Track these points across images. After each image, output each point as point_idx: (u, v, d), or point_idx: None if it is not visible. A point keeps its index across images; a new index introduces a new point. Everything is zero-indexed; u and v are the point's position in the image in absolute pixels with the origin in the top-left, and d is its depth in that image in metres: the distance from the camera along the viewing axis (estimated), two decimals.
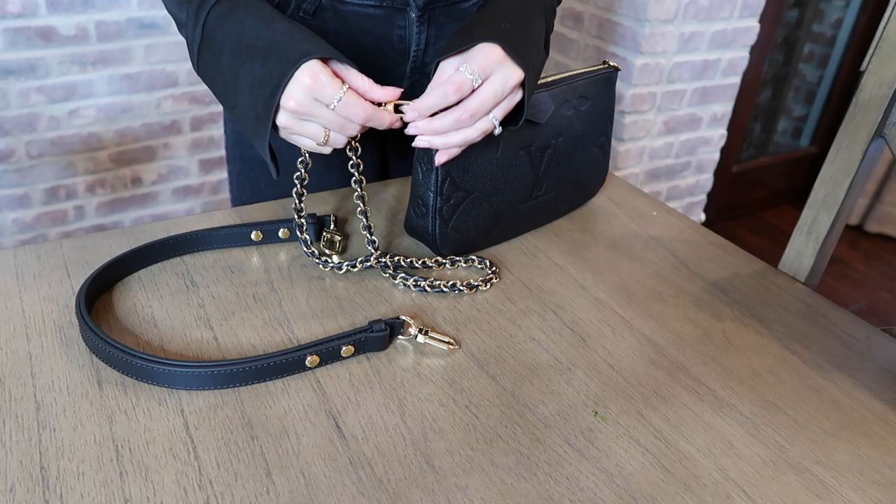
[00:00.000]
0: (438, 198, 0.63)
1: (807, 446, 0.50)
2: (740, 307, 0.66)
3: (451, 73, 0.57)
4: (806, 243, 0.71)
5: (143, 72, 1.86)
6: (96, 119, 1.85)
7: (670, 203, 2.02)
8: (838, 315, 0.66)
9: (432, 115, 0.57)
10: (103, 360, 0.52)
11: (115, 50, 1.80)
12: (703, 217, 2.14)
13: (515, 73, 0.58)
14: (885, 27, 0.64)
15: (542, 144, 0.69)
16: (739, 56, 1.86)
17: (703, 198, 2.10)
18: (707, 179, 2.05)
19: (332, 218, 0.69)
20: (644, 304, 0.65)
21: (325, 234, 0.67)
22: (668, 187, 1.98)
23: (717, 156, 2.02)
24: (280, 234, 0.68)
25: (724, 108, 1.93)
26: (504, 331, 0.60)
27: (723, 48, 1.81)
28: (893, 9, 0.63)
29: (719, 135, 1.98)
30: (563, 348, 0.58)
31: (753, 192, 2.49)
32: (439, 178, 0.63)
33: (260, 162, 0.81)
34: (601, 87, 0.74)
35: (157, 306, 0.59)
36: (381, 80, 0.79)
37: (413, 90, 0.80)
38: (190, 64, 1.89)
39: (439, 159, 0.60)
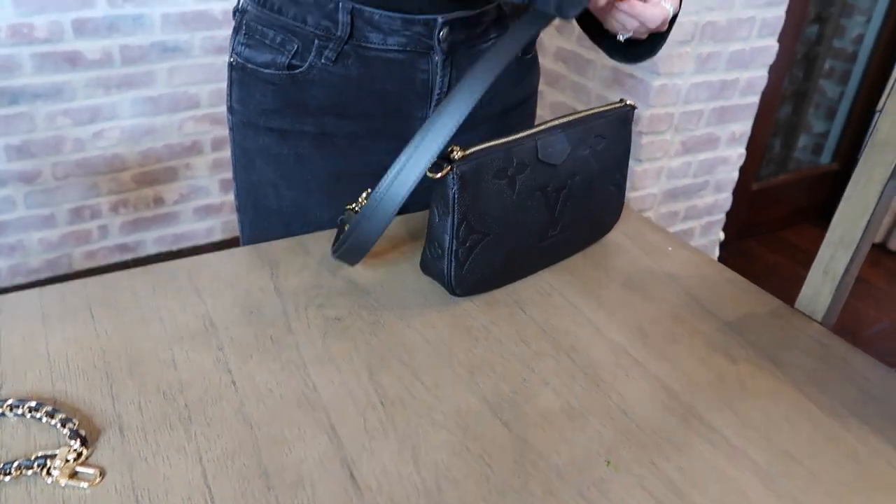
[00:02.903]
0: (454, 241, 0.64)
1: (823, 499, 0.50)
2: (755, 349, 0.65)
3: None
4: (823, 282, 0.71)
5: (165, 94, 1.90)
6: (120, 140, 1.89)
7: (689, 223, 2.01)
8: (855, 357, 0.65)
9: None
10: None
11: (138, 73, 1.84)
12: (721, 236, 2.13)
13: None
14: None
15: (558, 185, 0.69)
16: (758, 75, 1.85)
17: (721, 217, 2.09)
18: (726, 198, 2.04)
19: None
20: (658, 346, 0.65)
21: None
22: (686, 207, 1.98)
23: (735, 175, 2.01)
24: None
25: (743, 127, 1.93)
26: (518, 374, 0.60)
27: (741, 68, 1.80)
28: None
29: (738, 154, 1.97)
30: (577, 393, 0.58)
31: (773, 211, 2.47)
32: (455, 222, 0.63)
33: (275, 211, 0.82)
34: (617, 126, 0.75)
35: (177, 349, 0.60)
36: (404, 125, 0.80)
37: None
38: (211, 86, 1.93)
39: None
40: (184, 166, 2.01)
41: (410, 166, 0.61)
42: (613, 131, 0.74)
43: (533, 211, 0.69)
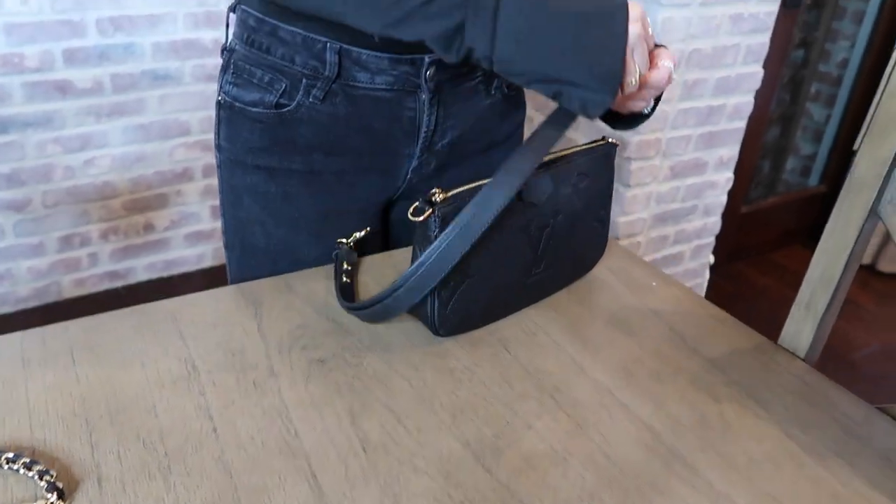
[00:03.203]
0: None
1: None
2: (739, 387, 0.66)
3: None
4: (804, 319, 0.71)
5: (156, 121, 1.90)
6: (111, 168, 1.89)
7: (678, 246, 2.02)
8: (837, 394, 0.65)
9: None
10: None
11: (129, 101, 1.85)
12: (711, 259, 2.14)
13: None
14: (875, 110, 0.65)
15: (541, 224, 0.70)
16: (744, 101, 1.87)
17: (711, 240, 2.09)
18: (715, 222, 2.05)
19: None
20: (642, 386, 0.65)
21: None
22: (675, 231, 1.98)
23: (724, 198, 2.02)
24: None
25: (731, 151, 1.94)
26: (501, 418, 0.60)
27: (727, 94, 1.82)
28: (883, 93, 0.63)
29: (726, 178, 1.98)
30: (560, 437, 0.58)
31: (763, 233, 2.48)
32: None
33: (262, 249, 0.82)
34: (600, 164, 0.75)
35: (158, 395, 0.60)
36: (391, 161, 0.81)
37: (421, 168, 0.82)
38: (202, 113, 1.93)
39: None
40: (174, 193, 2.01)
41: (445, 253, 0.61)
42: (596, 169, 0.75)
43: (516, 250, 0.69)
